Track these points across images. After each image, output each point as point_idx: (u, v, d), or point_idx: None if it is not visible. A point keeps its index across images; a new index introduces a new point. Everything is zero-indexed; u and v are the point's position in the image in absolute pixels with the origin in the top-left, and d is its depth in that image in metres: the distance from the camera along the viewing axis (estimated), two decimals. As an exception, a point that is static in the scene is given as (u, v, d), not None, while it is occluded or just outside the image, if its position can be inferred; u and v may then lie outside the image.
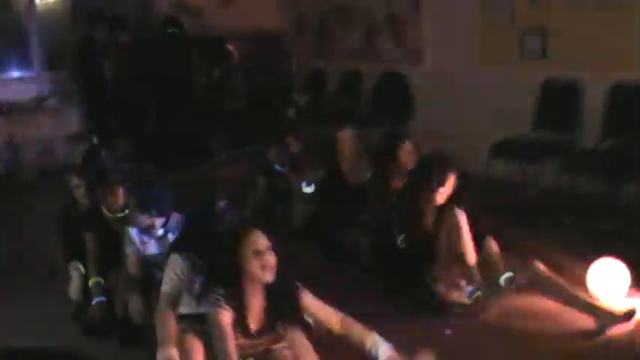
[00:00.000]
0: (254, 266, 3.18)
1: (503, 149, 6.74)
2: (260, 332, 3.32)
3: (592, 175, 6.21)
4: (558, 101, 6.73)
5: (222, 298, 3.23)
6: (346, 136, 5.73)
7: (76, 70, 8.96)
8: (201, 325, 3.49)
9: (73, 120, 9.04)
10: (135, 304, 4.24)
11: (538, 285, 4.49)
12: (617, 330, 4.07)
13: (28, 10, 9.53)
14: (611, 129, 6.23)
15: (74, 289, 4.72)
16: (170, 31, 9.25)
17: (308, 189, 6.07)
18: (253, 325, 3.30)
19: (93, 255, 4.71)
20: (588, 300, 4.36)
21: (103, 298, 4.54)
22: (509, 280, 4.47)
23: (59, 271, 5.04)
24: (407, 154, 5.39)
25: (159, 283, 3.91)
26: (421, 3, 8.38)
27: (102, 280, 4.60)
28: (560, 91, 6.73)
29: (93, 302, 4.53)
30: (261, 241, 3.19)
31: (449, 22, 7.97)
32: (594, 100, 6.37)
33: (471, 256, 4.48)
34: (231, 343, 3.19)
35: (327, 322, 3.39)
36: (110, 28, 8.96)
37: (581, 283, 4.52)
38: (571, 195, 6.34)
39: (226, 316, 3.21)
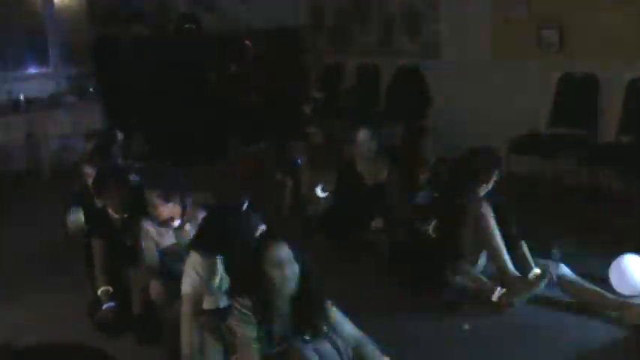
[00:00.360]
0: (276, 277, 3.17)
1: (522, 144, 6.71)
2: (284, 342, 3.29)
3: (610, 170, 6.19)
4: (576, 96, 6.69)
5: (249, 312, 3.22)
6: (362, 137, 5.70)
7: (94, 69, 8.96)
8: (220, 321, 3.50)
9: (89, 116, 9.03)
10: (155, 287, 4.20)
11: (560, 283, 4.47)
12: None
13: (44, 7, 9.56)
14: (629, 124, 6.19)
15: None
16: (187, 26, 9.27)
17: (322, 194, 6.06)
18: (277, 334, 3.29)
19: (101, 263, 4.66)
20: (610, 297, 4.31)
21: (112, 304, 4.52)
22: (538, 276, 4.42)
23: (72, 269, 5.09)
24: (428, 147, 5.40)
25: (177, 275, 3.92)
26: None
27: (110, 289, 4.57)
28: (578, 85, 6.69)
29: (103, 307, 4.50)
30: (282, 252, 3.18)
31: (465, 16, 7.94)
32: (612, 95, 6.33)
33: (499, 250, 4.45)
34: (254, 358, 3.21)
35: (347, 339, 3.38)
36: (127, 22, 8.98)
37: (600, 278, 4.50)
38: (589, 190, 6.31)
39: (251, 331, 3.22)
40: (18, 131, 8.85)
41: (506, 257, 4.42)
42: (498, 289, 4.37)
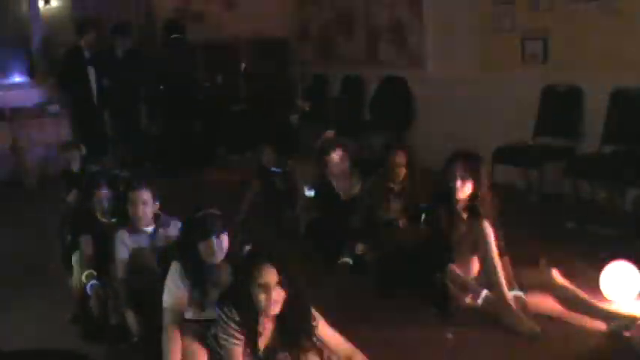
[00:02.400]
0: (260, 300, 3.18)
1: (506, 154, 6.74)
2: (269, 355, 3.32)
3: (594, 180, 6.23)
4: (560, 106, 6.73)
5: (235, 325, 3.24)
6: (334, 158, 5.70)
7: (63, 79, 8.85)
8: (204, 331, 3.52)
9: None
10: (130, 317, 4.21)
11: (550, 290, 4.51)
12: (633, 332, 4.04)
13: (30, 17, 9.54)
14: (613, 134, 6.23)
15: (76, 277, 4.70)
16: (173, 37, 9.25)
17: (309, 192, 6.06)
18: (263, 346, 3.31)
19: (89, 258, 4.68)
20: (600, 305, 4.37)
21: (96, 282, 4.51)
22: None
23: (59, 276, 5.06)
24: (400, 160, 5.41)
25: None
26: (423, 9, 8.40)
27: (94, 272, 4.56)
28: (562, 96, 6.74)
29: (88, 287, 4.49)
30: (268, 276, 3.17)
31: (450, 28, 8.00)
32: (596, 106, 6.37)
33: (499, 271, 4.42)
34: None
35: (334, 346, 3.42)
36: (112, 34, 8.93)
37: (589, 287, 4.54)
38: (573, 200, 6.35)
39: (239, 350, 3.26)
40: (3, 140, 8.82)
41: (503, 282, 4.39)
42: (484, 291, 4.39)
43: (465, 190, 4.54)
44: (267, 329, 3.31)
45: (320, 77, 10.28)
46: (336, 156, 5.67)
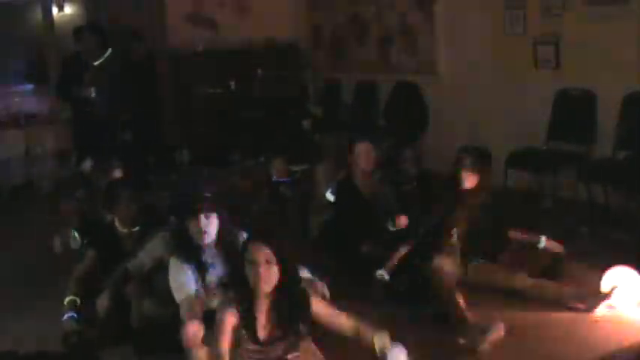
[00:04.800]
0: (249, 276, 3.26)
1: (519, 160, 6.74)
2: (270, 340, 3.36)
3: (607, 185, 6.22)
4: (573, 112, 6.72)
5: (231, 302, 3.33)
6: (364, 148, 5.71)
7: (60, 86, 8.82)
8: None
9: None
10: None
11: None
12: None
13: (44, 24, 9.60)
14: (626, 139, 6.21)
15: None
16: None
17: (330, 196, 6.01)
18: (263, 332, 3.35)
19: (83, 272, 4.65)
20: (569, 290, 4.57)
21: (74, 314, 4.45)
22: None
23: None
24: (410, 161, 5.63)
25: None
26: (434, 14, 8.40)
27: (77, 300, 4.52)
28: (575, 101, 6.72)
29: (63, 318, 4.43)
30: (258, 253, 3.24)
31: (462, 33, 8.00)
32: (609, 110, 6.36)
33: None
34: (226, 342, 3.28)
35: (338, 326, 3.45)
36: (125, 40, 8.95)
37: (596, 291, 4.53)
38: (586, 205, 6.34)
39: (231, 317, 3.31)
40: (17, 146, 8.87)
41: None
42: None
43: (471, 180, 4.77)
44: (265, 313, 3.35)
45: (333, 82, 10.29)
46: (364, 146, 5.68)
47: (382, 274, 4.95)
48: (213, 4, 10.24)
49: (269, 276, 3.24)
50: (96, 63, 7.52)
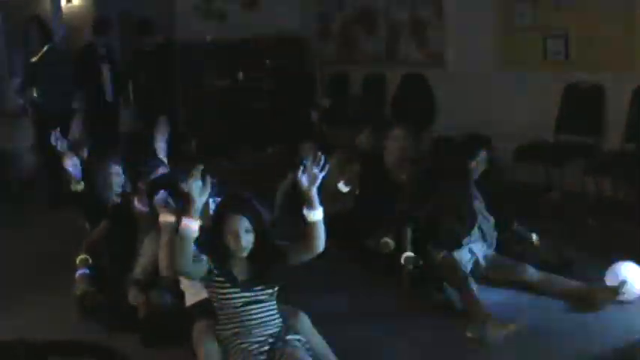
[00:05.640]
0: (231, 245, 3.41)
1: (527, 152, 6.74)
2: (247, 285, 3.48)
3: (616, 177, 6.20)
4: (582, 104, 6.71)
5: (213, 267, 3.46)
6: (400, 134, 5.67)
7: (76, 78, 8.79)
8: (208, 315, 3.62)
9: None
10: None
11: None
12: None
13: (53, 14, 9.60)
14: (635, 132, 6.20)
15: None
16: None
17: (345, 188, 5.95)
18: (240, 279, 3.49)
19: (96, 237, 4.82)
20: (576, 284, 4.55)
21: (86, 270, 4.61)
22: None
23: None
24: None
25: None
26: (443, 5, 8.39)
27: (89, 259, 4.69)
28: (584, 93, 6.71)
29: (77, 274, 4.62)
30: (238, 224, 3.39)
31: (471, 25, 7.97)
32: (617, 103, 6.34)
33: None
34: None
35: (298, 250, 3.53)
36: (138, 33, 8.95)
37: (604, 285, 4.52)
38: (595, 198, 6.33)
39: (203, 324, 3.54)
40: (25, 140, 8.87)
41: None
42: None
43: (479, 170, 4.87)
44: (240, 267, 3.49)
45: (341, 75, 10.28)
46: (401, 131, 5.68)
47: (386, 241, 4.84)
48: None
49: (248, 243, 3.41)
50: (33, 60, 7.53)
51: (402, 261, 4.75)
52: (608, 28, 6.40)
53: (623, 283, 4.39)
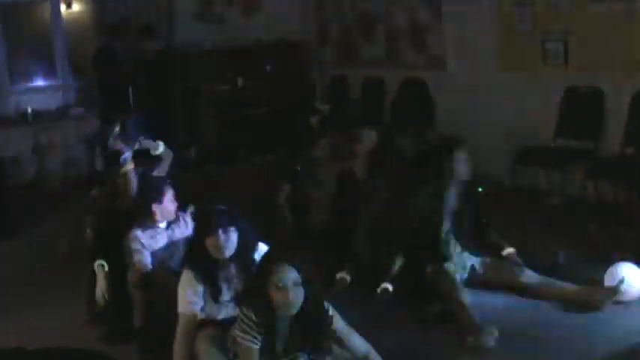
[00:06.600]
0: (278, 300, 3.16)
1: (527, 156, 6.73)
2: (286, 353, 3.30)
3: (615, 182, 6.19)
4: (581, 108, 6.70)
5: (252, 324, 3.21)
6: (368, 136, 5.67)
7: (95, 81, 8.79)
8: (219, 333, 3.55)
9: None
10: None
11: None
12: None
13: (52, 19, 9.60)
14: (635, 136, 6.19)
15: (99, 290, 4.65)
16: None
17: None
18: (282, 347, 3.30)
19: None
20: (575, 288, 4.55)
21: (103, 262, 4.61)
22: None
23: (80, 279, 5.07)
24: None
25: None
26: (443, 10, 8.38)
27: (105, 264, 4.64)
28: (583, 98, 6.70)
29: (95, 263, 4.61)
30: (285, 276, 3.14)
31: (470, 29, 7.96)
32: (617, 107, 6.33)
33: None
34: None
35: (349, 344, 3.42)
36: (139, 34, 8.96)
37: (603, 288, 4.53)
38: (595, 202, 6.31)
39: (256, 350, 3.23)
40: (26, 143, 8.90)
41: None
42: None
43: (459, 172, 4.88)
44: (285, 329, 3.29)
45: (340, 79, 10.27)
46: (370, 132, 5.70)
47: (386, 287, 4.75)
48: (222, 1, 10.23)
49: (297, 299, 3.16)
50: None
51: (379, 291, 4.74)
52: (608, 32, 6.39)
53: (621, 281, 4.38)
